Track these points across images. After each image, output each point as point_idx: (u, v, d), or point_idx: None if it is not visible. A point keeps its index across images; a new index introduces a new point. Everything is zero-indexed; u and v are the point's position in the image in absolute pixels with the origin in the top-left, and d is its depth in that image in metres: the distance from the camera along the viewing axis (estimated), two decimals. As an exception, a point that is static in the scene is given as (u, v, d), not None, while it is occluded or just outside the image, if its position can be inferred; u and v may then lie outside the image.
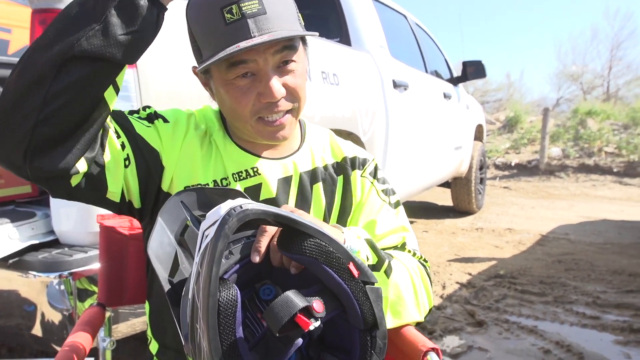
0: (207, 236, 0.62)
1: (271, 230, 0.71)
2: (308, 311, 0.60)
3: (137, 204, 0.94)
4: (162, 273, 0.77)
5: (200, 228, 0.65)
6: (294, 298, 0.60)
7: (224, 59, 0.83)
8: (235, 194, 0.81)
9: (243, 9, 0.81)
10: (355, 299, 0.65)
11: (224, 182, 0.97)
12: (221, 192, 0.83)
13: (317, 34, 0.90)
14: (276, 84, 0.87)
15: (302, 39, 0.95)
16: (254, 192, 0.97)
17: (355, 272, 0.65)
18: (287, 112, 0.92)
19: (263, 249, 0.70)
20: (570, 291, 3.00)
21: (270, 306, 0.59)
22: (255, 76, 0.87)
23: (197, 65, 0.94)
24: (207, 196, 0.82)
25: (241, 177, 0.97)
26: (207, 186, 0.92)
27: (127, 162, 0.88)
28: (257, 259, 0.69)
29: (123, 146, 0.87)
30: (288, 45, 0.87)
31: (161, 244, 0.78)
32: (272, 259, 0.72)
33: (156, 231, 0.78)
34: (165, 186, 0.94)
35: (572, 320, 2.58)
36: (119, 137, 0.87)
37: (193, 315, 0.61)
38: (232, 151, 0.98)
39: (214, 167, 0.97)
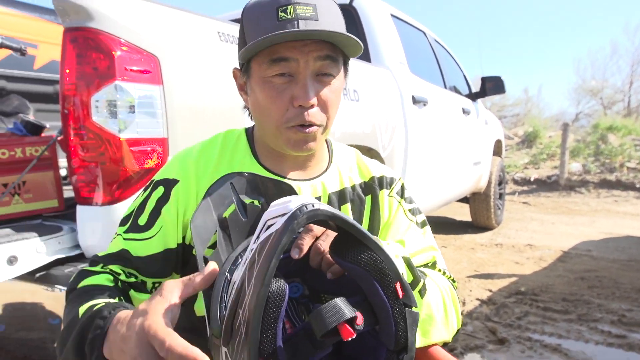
0: (270, 226, 0.61)
1: (317, 230, 0.72)
2: (351, 322, 0.60)
3: None
4: (200, 250, 0.79)
5: (264, 217, 0.65)
6: (343, 307, 0.60)
7: (267, 55, 0.86)
8: (287, 188, 0.83)
9: (297, 10, 0.84)
10: (394, 319, 0.65)
11: None
12: (274, 183, 0.85)
13: (362, 46, 0.91)
14: (311, 89, 0.88)
15: (344, 62, 0.96)
16: None
17: (400, 293, 0.64)
18: (317, 125, 0.92)
19: (306, 248, 0.70)
20: (594, 309, 2.94)
21: (318, 310, 0.59)
22: (292, 78, 0.88)
23: (238, 68, 0.98)
24: (257, 183, 0.84)
25: None
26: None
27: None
28: (296, 255, 0.69)
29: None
30: (331, 56, 0.89)
31: (204, 221, 0.80)
32: (311, 260, 0.72)
33: (201, 208, 0.80)
34: (188, 239, 0.95)
35: (597, 339, 2.52)
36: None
37: (238, 301, 0.60)
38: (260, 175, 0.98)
39: None
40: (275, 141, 0.94)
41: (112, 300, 0.80)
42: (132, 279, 0.92)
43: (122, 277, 0.91)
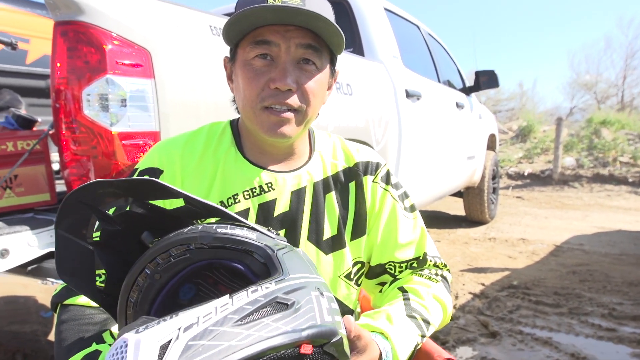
0: None
1: None
2: None
3: None
4: (88, 288, 0.74)
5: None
6: None
7: (251, 38, 0.88)
8: (144, 184, 0.70)
9: None
10: None
11: (230, 202, 0.96)
12: (125, 186, 0.70)
13: (343, 36, 0.91)
14: (289, 73, 0.88)
15: (332, 60, 0.97)
16: (268, 208, 0.98)
17: (309, 349, 0.58)
18: (293, 111, 0.91)
19: None
20: (585, 303, 2.97)
21: None
22: (273, 62, 0.89)
23: (228, 57, 0.98)
24: (111, 187, 0.70)
25: (254, 194, 0.97)
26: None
27: None
28: None
29: None
30: (313, 45, 0.89)
31: (72, 258, 0.71)
32: None
33: (60, 247, 0.71)
34: None
35: (587, 332, 2.54)
36: None
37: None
38: (244, 168, 0.98)
39: (220, 187, 0.97)
40: (251, 125, 0.94)
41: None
42: None
43: None
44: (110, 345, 0.83)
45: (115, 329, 0.87)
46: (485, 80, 4.56)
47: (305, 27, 0.88)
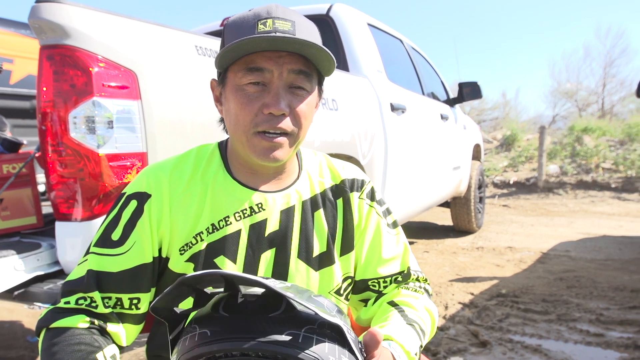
0: None
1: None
2: None
3: None
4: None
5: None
6: None
7: (243, 64, 0.89)
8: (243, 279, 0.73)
9: (276, 24, 0.87)
10: None
11: (222, 224, 0.97)
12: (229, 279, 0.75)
13: (335, 61, 0.93)
14: (282, 98, 0.90)
15: (319, 82, 0.99)
16: (259, 229, 0.99)
17: None
18: (286, 135, 0.93)
19: None
20: (573, 309, 3.00)
21: None
22: (265, 88, 0.91)
23: (216, 79, 0.99)
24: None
25: (245, 215, 0.98)
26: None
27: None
28: None
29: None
30: (305, 71, 0.91)
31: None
32: None
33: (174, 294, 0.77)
34: (164, 253, 0.98)
35: (576, 338, 2.57)
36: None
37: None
38: (234, 189, 0.99)
39: (211, 209, 0.97)
40: (243, 149, 0.95)
41: None
42: (109, 310, 0.92)
43: (100, 308, 0.91)
44: None
45: (107, 351, 0.88)
46: (469, 91, 4.63)
47: (297, 53, 0.90)
